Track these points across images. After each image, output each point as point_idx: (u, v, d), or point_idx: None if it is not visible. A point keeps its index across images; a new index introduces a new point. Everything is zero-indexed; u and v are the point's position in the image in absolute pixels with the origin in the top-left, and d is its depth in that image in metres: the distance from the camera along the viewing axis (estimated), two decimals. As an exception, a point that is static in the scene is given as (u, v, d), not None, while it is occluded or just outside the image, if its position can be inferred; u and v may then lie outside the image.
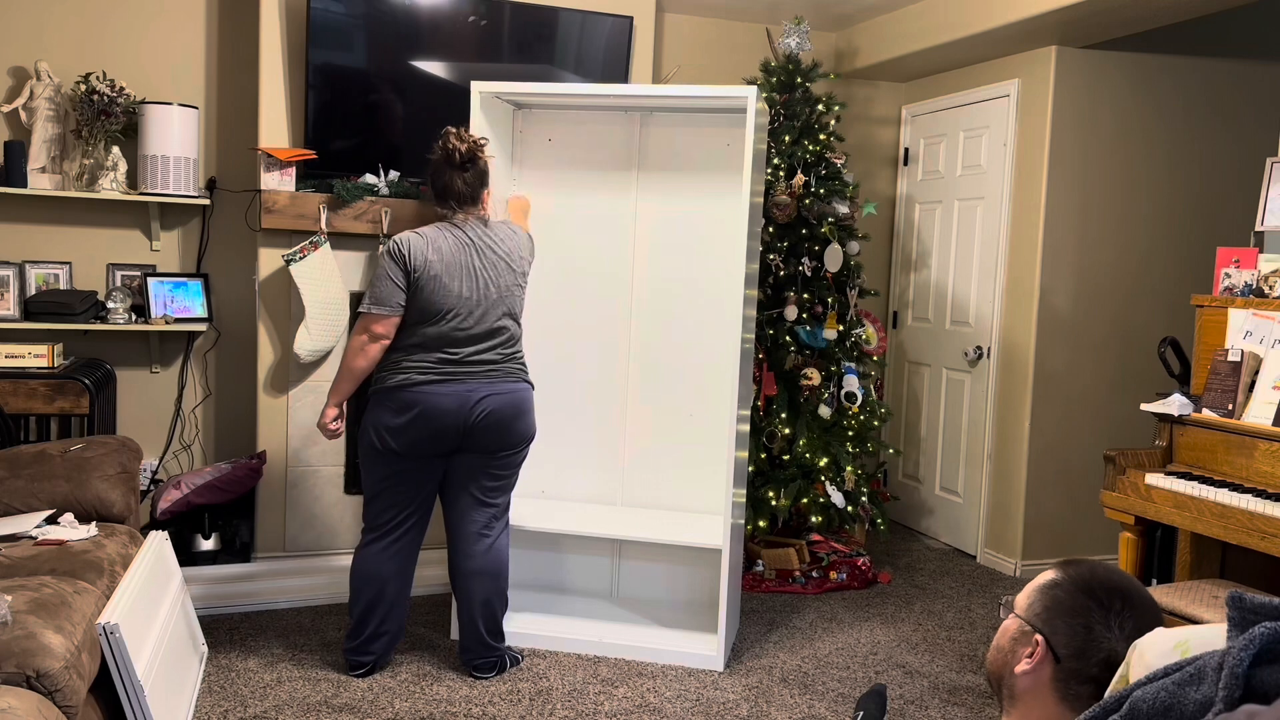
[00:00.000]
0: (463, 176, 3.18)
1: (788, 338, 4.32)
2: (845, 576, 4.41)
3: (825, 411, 4.34)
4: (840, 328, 4.38)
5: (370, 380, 3.27)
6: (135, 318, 4.16)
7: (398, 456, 3.18)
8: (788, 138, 4.37)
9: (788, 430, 4.32)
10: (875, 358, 4.70)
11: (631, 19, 4.39)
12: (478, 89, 3.61)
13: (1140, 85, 4.67)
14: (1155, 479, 3.17)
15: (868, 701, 1.99)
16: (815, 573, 4.38)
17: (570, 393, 4.06)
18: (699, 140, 3.91)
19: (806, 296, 4.34)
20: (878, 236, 5.56)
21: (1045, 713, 1.44)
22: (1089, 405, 4.75)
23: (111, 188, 4.07)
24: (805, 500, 4.26)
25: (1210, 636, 1.24)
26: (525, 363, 3.33)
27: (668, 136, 3.93)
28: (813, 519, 4.28)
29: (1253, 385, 3.12)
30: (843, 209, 4.39)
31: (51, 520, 3.03)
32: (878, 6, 4.90)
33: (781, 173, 4.31)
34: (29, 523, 2.96)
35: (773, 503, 4.23)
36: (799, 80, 4.43)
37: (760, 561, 4.37)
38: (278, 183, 4.05)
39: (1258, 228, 3.32)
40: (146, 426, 4.39)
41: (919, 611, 4.19)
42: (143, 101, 4.12)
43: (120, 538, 3.01)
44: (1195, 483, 3.06)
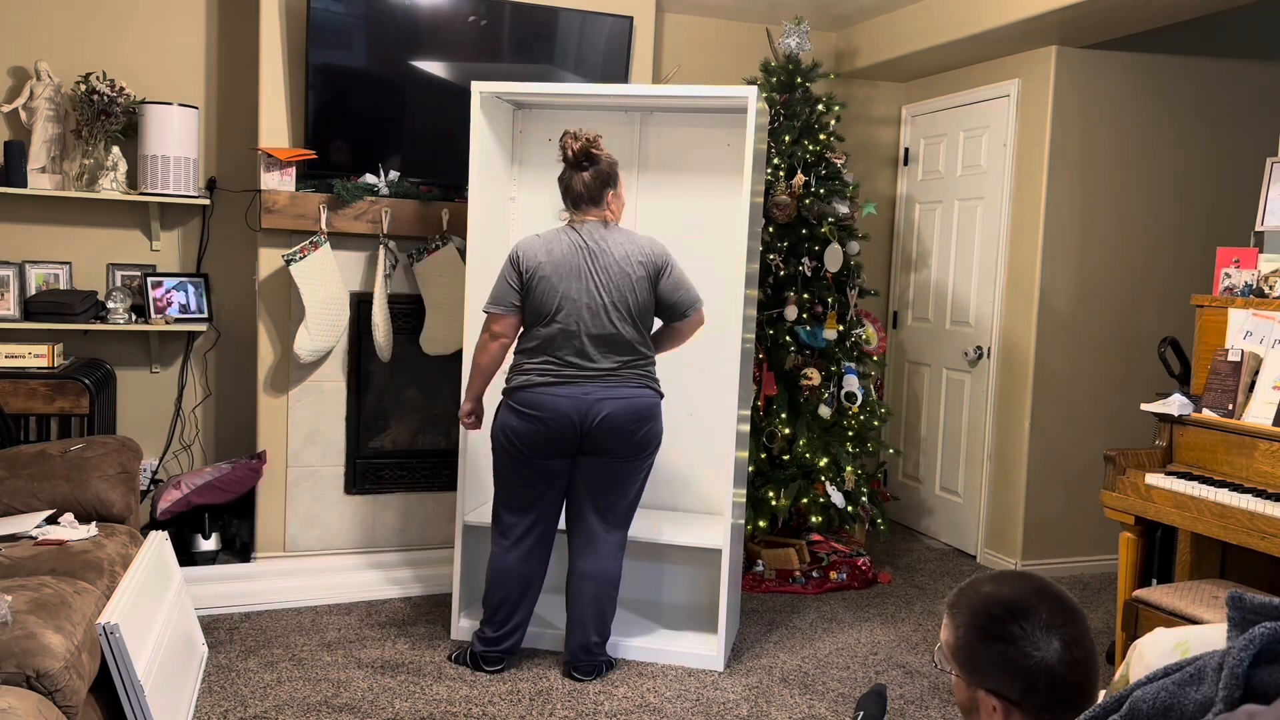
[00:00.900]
0: (581, 177, 3.21)
1: (788, 338, 4.32)
2: (845, 576, 4.41)
3: (825, 411, 4.34)
4: (840, 328, 4.38)
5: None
6: (135, 318, 4.16)
7: (523, 457, 3.22)
8: (788, 138, 4.37)
9: (788, 430, 4.32)
10: (875, 358, 4.70)
11: (631, 19, 4.39)
12: (478, 89, 3.61)
13: (1140, 85, 4.67)
14: (1155, 479, 3.17)
15: (868, 701, 1.99)
16: (815, 573, 4.38)
17: (570, 393, 4.06)
18: (699, 140, 3.91)
19: (806, 296, 4.33)
20: (878, 236, 5.56)
21: None
22: (1089, 405, 4.75)
23: (111, 188, 4.07)
24: (805, 500, 4.26)
25: (1210, 636, 1.24)
26: (651, 371, 3.29)
27: (668, 136, 3.93)
28: (813, 519, 4.28)
29: (1253, 385, 3.12)
30: (843, 209, 4.39)
31: (51, 520, 3.03)
32: (878, 6, 4.90)
33: (781, 173, 4.31)
34: (29, 523, 2.96)
35: (773, 503, 4.23)
36: (799, 80, 4.43)
37: (760, 561, 4.37)
38: (278, 183, 4.05)
39: (1258, 228, 3.32)
40: (146, 426, 4.39)
41: (919, 611, 4.19)
42: (143, 101, 4.12)
43: (120, 538, 3.01)
44: (1195, 483, 3.06)
